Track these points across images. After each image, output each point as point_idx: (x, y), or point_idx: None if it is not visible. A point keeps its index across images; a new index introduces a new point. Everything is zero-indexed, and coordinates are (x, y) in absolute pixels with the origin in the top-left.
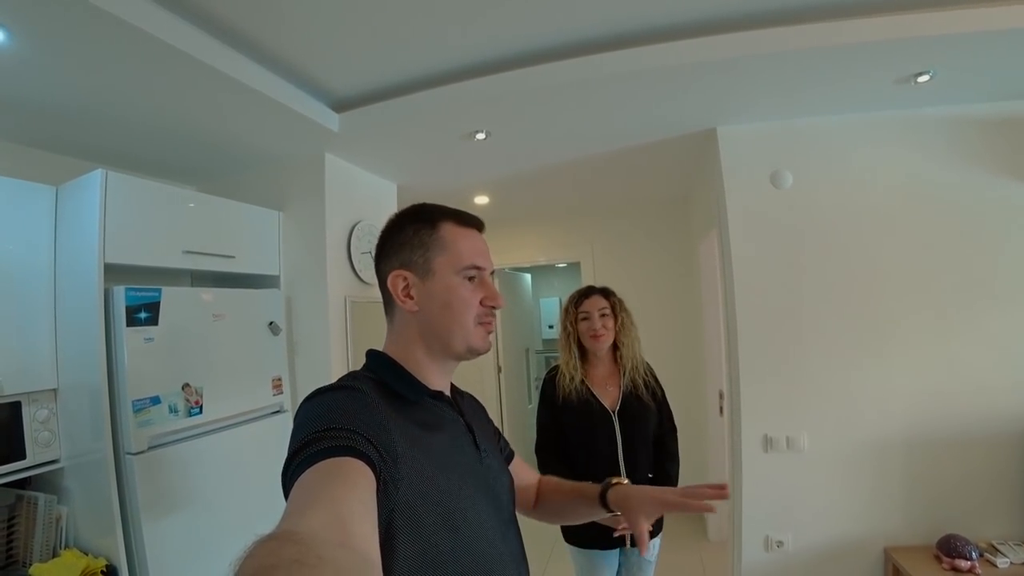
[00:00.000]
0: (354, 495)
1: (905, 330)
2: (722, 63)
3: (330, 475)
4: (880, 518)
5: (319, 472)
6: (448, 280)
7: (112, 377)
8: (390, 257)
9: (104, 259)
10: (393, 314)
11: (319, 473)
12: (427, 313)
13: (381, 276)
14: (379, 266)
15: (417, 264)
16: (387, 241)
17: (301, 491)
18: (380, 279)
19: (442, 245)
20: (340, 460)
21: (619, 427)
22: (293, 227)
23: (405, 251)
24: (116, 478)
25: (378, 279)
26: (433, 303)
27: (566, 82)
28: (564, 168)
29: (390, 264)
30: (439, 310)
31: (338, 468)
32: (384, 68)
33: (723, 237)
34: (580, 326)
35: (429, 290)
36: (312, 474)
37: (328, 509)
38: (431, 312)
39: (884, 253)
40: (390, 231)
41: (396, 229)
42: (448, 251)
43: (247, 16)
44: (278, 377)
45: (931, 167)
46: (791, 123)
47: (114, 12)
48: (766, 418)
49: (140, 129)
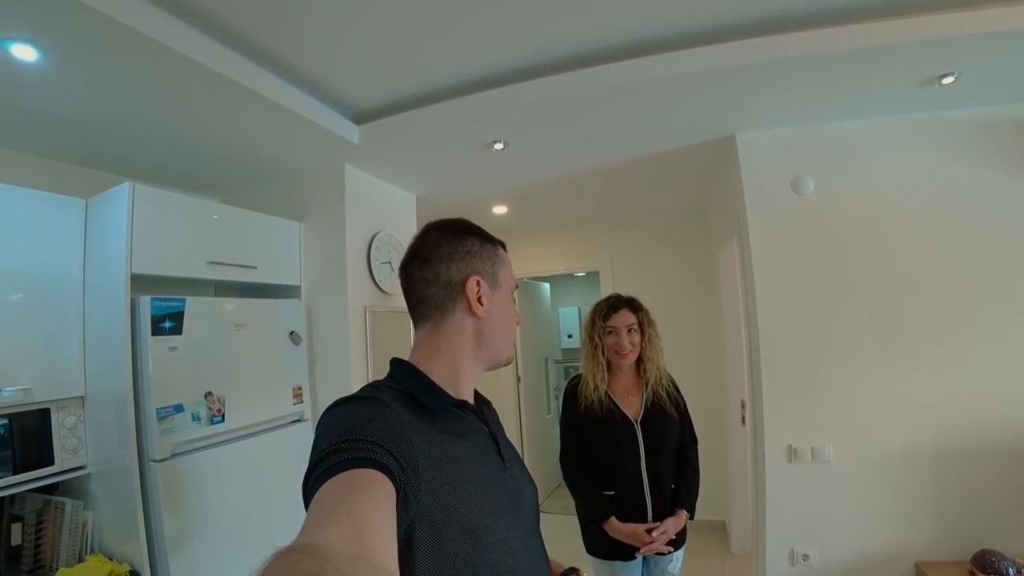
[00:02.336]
0: (373, 507)
1: (933, 337)
2: (740, 69)
3: (350, 487)
4: (910, 532)
5: (339, 484)
6: (506, 296)
7: (137, 385)
8: (458, 262)
9: (131, 270)
10: (444, 318)
11: (339, 485)
12: (490, 321)
13: (446, 279)
14: (439, 269)
15: (487, 273)
16: (448, 246)
17: (320, 503)
18: (443, 281)
19: (503, 263)
20: (360, 472)
21: (642, 437)
22: (314, 238)
23: (475, 260)
24: (140, 485)
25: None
26: (497, 313)
27: (583, 91)
28: (581, 177)
29: (462, 268)
30: (501, 320)
31: (358, 480)
32: (403, 80)
33: (743, 245)
34: (606, 340)
35: (495, 301)
36: (332, 486)
37: (347, 522)
38: (494, 321)
39: (909, 259)
40: (450, 237)
41: (459, 237)
42: (507, 269)
43: (269, 30)
44: (298, 386)
45: (957, 171)
46: (812, 128)
47: (141, 30)
48: (790, 428)
49: (166, 143)
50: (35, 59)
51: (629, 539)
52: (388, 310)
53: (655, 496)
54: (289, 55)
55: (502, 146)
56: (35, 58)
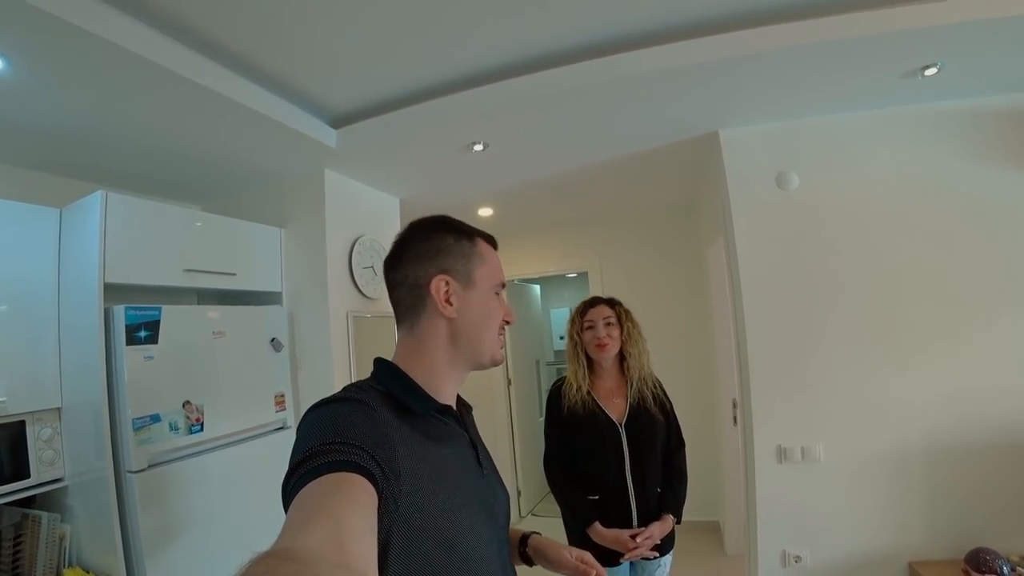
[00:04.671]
0: (355, 512)
1: (923, 333)
2: (721, 63)
3: (331, 491)
4: (903, 531)
5: (320, 487)
6: (485, 293)
7: (112, 395)
8: (425, 262)
9: (104, 279)
10: (417, 320)
11: (320, 488)
12: (464, 321)
13: (413, 280)
14: (407, 270)
15: (459, 272)
16: (418, 246)
17: (301, 506)
18: (411, 283)
19: (481, 259)
20: (342, 475)
21: (626, 440)
22: (295, 244)
23: (445, 258)
24: (117, 496)
25: (401, 285)
26: (471, 312)
27: (561, 90)
28: (566, 178)
29: (427, 268)
30: (477, 319)
31: (339, 484)
32: (380, 82)
33: (729, 242)
34: (585, 335)
35: (469, 299)
36: (313, 489)
37: (327, 526)
38: (468, 321)
39: (897, 254)
40: (422, 236)
41: (430, 235)
42: (487, 265)
43: (242, 35)
44: (281, 394)
45: (944, 163)
46: (795, 123)
47: (108, 37)
48: (779, 428)
49: (142, 151)
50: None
51: (613, 544)
52: (371, 315)
53: (640, 500)
54: (264, 60)
55: (482, 147)
56: (1, 68)
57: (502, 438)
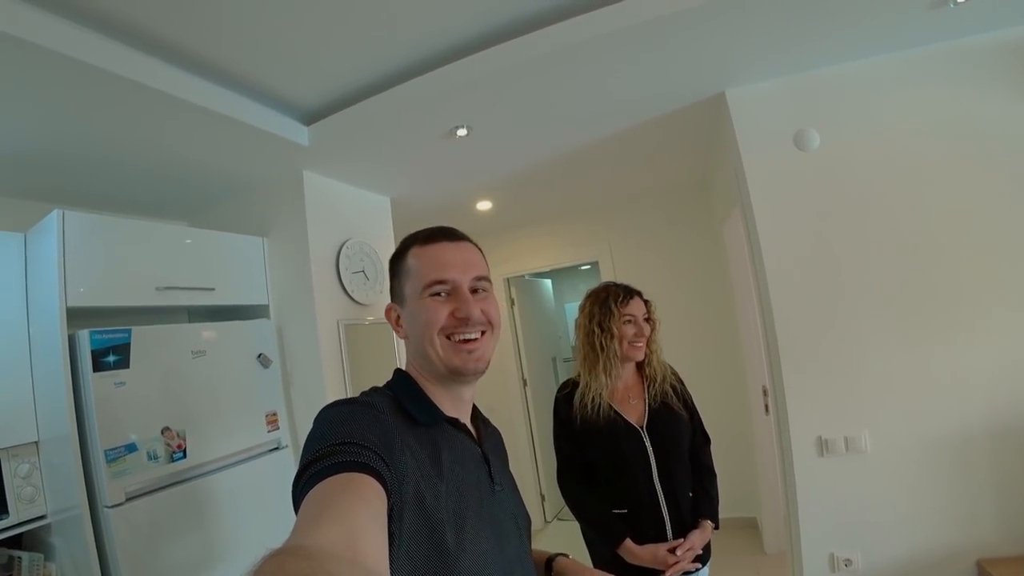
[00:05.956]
0: (365, 511)
1: (974, 300)
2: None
3: (342, 490)
4: (968, 526)
5: (332, 486)
6: (414, 304)
7: (83, 426)
8: (390, 292)
9: (66, 302)
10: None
11: (332, 487)
12: (411, 338)
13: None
14: None
15: (398, 295)
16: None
17: (312, 505)
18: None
19: (407, 271)
20: (352, 475)
21: (650, 444)
22: (278, 253)
23: (392, 285)
24: (95, 533)
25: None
26: (411, 328)
27: (541, 54)
28: (565, 161)
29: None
30: (415, 335)
31: (350, 483)
32: (348, 70)
33: (747, 215)
34: (625, 330)
35: (406, 317)
36: (323, 488)
37: (339, 524)
38: (413, 336)
39: (938, 211)
40: (388, 268)
41: (389, 265)
42: (411, 275)
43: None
44: (273, 412)
45: (983, 106)
46: (811, 75)
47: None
48: (818, 417)
49: (103, 167)
50: None
51: (650, 563)
52: (365, 322)
53: (673, 509)
54: (220, 58)
55: (466, 132)
56: None
57: (521, 441)
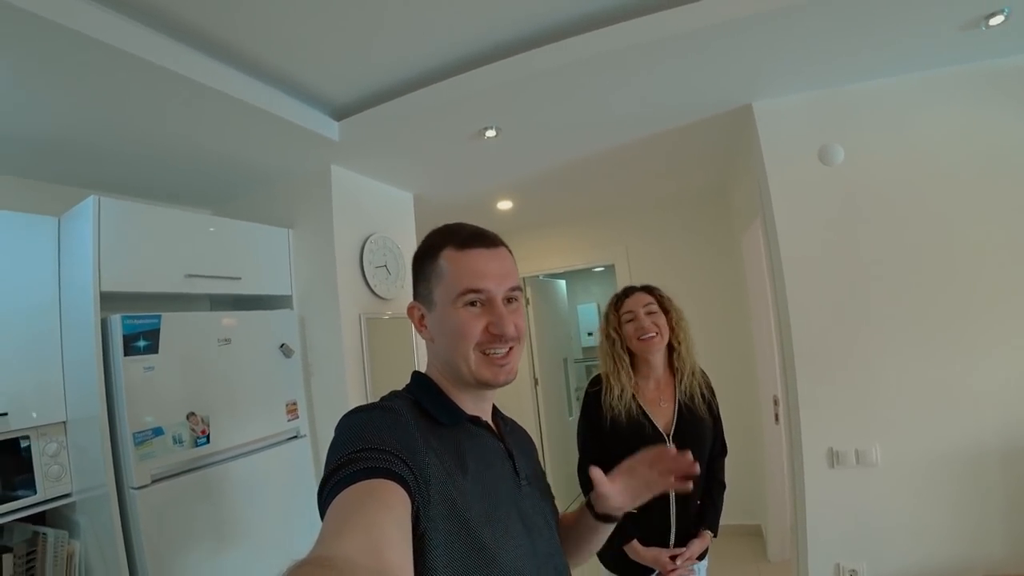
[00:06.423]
0: (390, 519)
1: (995, 316)
2: (754, 20)
3: (365, 497)
4: (977, 541)
5: (354, 494)
6: (445, 310)
7: (112, 409)
8: (413, 288)
9: (100, 287)
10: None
11: (354, 495)
12: (438, 344)
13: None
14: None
15: (424, 296)
16: (412, 272)
17: (337, 513)
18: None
19: (440, 274)
20: (375, 482)
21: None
22: (304, 244)
23: (417, 284)
24: (120, 513)
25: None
26: (439, 334)
27: (574, 62)
28: (587, 164)
29: (413, 295)
30: (444, 341)
31: (374, 490)
32: (382, 68)
33: (768, 225)
34: (626, 329)
35: (435, 321)
36: (347, 496)
37: (364, 533)
38: (440, 343)
39: (959, 230)
40: (412, 263)
41: (414, 261)
42: (444, 280)
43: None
44: (293, 401)
45: (1012, 127)
46: (838, 90)
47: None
48: (830, 429)
49: (142, 155)
50: None
51: (652, 564)
52: (388, 316)
53: (681, 516)
54: (258, 52)
55: (494, 132)
56: None
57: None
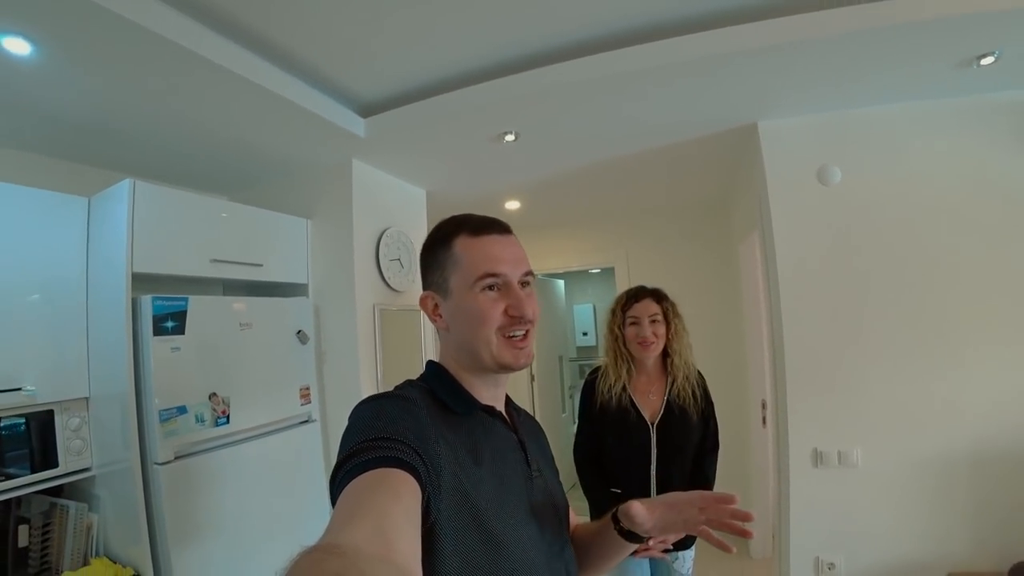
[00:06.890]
0: (399, 508)
1: (972, 335)
2: (765, 51)
3: (377, 486)
4: (944, 540)
5: (365, 483)
6: (463, 296)
7: (139, 386)
8: (423, 279)
9: (132, 268)
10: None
11: (365, 484)
12: (455, 331)
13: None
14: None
15: (439, 285)
16: (421, 262)
17: (347, 501)
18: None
19: (455, 261)
20: (386, 471)
21: (655, 441)
22: (322, 235)
23: (430, 272)
24: (143, 488)
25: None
26: (456, 321)
27: (595, 78)
28: (596, 170)
29: (424, 285)
30: (462, 328)
31: (385, 479)
32: (410, 70)
33: (766, 238)
34: (627, 331)
35: (451, 309)
36: (358, 484)
37: (372, 522)
38: (457, 330)
39: (945, 252)
40: (422, 253)
41: (425, 251)
42: (460, 266)
43: (271, 20)
44: (306, 387)
45: (997, 157)
46: (839, 114)
47: (139, 21)
48: (816, 431)
49: (169, 140)
50: (28, 53)
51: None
52: (398, 308)
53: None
54: (292, 46)
55: (513, 137)
56: (28, 52)
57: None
